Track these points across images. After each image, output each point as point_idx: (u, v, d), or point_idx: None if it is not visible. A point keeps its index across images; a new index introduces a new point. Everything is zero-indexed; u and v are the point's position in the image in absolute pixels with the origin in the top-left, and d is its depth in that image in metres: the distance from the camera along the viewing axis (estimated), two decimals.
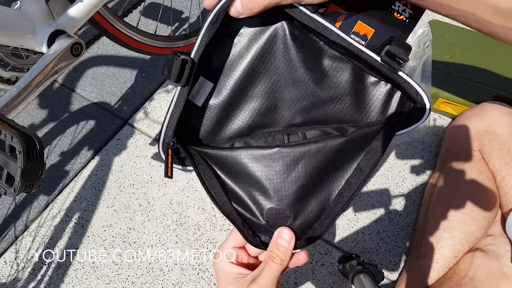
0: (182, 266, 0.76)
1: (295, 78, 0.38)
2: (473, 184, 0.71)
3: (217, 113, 0.40)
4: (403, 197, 0.83)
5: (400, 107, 0.39)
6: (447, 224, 0.69)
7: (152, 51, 0.88)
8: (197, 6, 1.15)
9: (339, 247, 0.78)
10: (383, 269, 0.75)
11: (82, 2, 0.62)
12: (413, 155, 0.88)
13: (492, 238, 0.67)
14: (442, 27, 1.01)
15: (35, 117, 0.94)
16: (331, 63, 0.39)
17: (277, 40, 0.38)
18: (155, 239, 0.79)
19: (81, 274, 0.75)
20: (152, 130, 0.92)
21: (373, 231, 0.79)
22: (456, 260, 0.67)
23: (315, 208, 0.37)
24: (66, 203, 0.83)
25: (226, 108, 0.40)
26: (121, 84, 1.00)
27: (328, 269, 0.75)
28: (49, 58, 0.56)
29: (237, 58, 0.38)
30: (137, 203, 0.83)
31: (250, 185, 0.38)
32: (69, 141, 0.91)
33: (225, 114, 0.40)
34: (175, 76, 0.35)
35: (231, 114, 0.40)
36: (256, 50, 0.38)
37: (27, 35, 0.57)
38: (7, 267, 0.76)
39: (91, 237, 0.79)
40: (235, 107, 0.40)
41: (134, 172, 0.86)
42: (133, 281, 0.75)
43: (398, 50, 0.33)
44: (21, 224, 0.81)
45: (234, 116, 0.40)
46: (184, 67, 0.34)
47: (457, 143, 0.80)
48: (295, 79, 0.39)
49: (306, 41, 0.38)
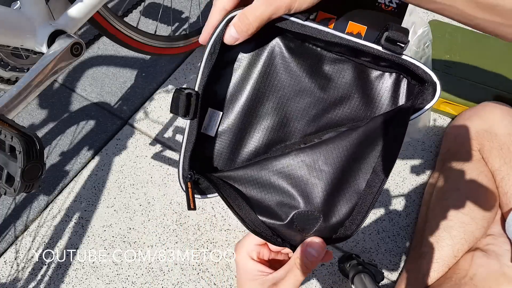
0: (182, 266, 0.76)
1: (300, 89, 0.39)
2: (472, 184, 0.71)
3: (231, 138, 0.41)
4: (403, 197, 0.83)
5: (409, 93, 0.39)
6: (447, 224, 0.69)
7: (152, 51, 0.89)
8: (197, 6, 1.15)
9: (339, 247, 0.78)
10: (383, 269, 0.75)
11: (82, 2, 0.62)
12: (413, 155, 0.88)
13: (492, 238, 0.67)
14: (442, 27, 1.01)
15: (35, 117, 0.94)
16: (332, 66, 0.39)
17: (275, 57, 0.39)
18: (155, 239, 0.79)
19: (81, 274, 0.75)
20: (152, 130, 0.92)
21: (373, 231, 0.79)
22: (456, 259, 0.67)
23: (345, 205, 0.37)
24: (66, 203, 0.83)
25: (239, 132, 0.40)
26: (121, 84, 1.00)
27: (328, 269, 0.75)
28: (49, 58, 0.56)
29: (240, 82, 0.39)
30: (137, 203, 0.83)
31: (275, 193, 0.38)
32: (69, 141, 0.91)
33: (239, 138, 0.40)
34: (183, 110, 0.36)
35: (245, 137, 0.41)
36: (257, 71, 0.39)
37: (27, 35, 0.57)
38: (7, 267, 0.76)
39: (91, 237, 0.79)
40: (247, 129, 0.40)
41: (134, 172, 0.86)
42: (133, 281, 0.75)
43: (397, 34, 0.33)
44: (21, 224, 0.81)
45: (249, 138, 0.41)
46: (190, 101, 0.36)
47: (457, 143, 0.80)
48: (301, 89, 0.39)
49: (303, 51, 0.39)
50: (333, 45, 0.37)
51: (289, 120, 0.40)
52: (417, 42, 0.97)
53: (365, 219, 0.36)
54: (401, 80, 0.38)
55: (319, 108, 0.39)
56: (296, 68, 0.39)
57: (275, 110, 0.40)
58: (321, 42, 0.37)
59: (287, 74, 0.39)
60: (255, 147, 0.41)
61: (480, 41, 0.99)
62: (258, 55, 0.38)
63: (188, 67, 1.02)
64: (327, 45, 0.38)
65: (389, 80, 0.39)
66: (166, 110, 0.94)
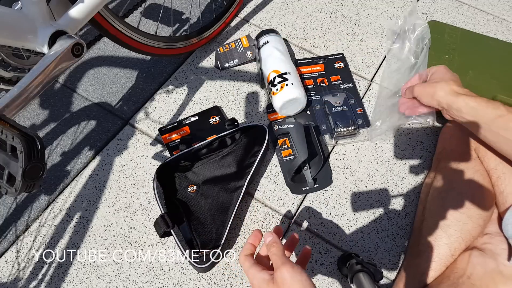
0: (183, 265, 0.76)
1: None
2: (468, 183, 0.71)
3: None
4: (402, 196, 0.83)
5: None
6: (444, 223, 0.69)
7: (153, 52, 0.89)
8: (198, 7, 1.15)
9: (338, 246, 0.78)
10: (382, 268, 0.76)
11: (83, 2, 0.63)
12: (412, 155, 0.88)
13: (489, 237, 0.67)
14: (441, 28, 1.01)
15: (36, 117, 0.95)
16: (221, 161, 0.82)
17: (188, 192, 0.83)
18: (155, 239, 0.79)
19: (82, 274, 0.76)
20: (153, 130, 0.92)
21: (372, 231, 0.80)
22: (453, 258, 0.68)
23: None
24: (67, 203, 0.83)
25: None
26: (122, 84, 1.00)
27: (327, 268, 0.76)
28: (50, 59, 0.57)
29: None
30: (137, 202, 0.83)
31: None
32: (70, 141, 0.91)
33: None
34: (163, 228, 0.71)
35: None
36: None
37: (28, 36, 0.58)
38: (8, 266, 0.77)
39: (92, 237, 0.80)
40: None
41: (135, 172, 0.87)
42: (134, 280, 0.75)
43: (229, 121, 0.84)
44: (22, 223, 0.81)
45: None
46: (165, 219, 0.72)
47: (452, 142, 0.80)
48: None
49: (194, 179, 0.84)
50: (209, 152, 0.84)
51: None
52: (416, 42, 0.98)
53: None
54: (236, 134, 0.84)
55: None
56: (214, 189, 0.83)
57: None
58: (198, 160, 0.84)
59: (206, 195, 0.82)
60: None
61: (479, 42, 0.99)
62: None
63: (189, 67, 1.02)
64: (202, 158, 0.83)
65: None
66: (166, 110, 0.95)
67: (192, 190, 0.81)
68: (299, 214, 0.81)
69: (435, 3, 1.17)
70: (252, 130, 0.83)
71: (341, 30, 1.09)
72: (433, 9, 1.15)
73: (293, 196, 0.83)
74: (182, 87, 0.99)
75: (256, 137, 0.82)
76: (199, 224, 0.76)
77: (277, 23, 1.11)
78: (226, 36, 1.08)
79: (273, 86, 0.88)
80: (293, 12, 1.13)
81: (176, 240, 0.70)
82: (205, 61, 1.03)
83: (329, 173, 0.86)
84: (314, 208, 0.82)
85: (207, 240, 0.75)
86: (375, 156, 0.88)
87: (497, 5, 1.17)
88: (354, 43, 1.06)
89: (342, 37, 1.08)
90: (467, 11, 1.15)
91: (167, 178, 0.80)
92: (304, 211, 0.82)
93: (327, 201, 0.83)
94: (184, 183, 0.82)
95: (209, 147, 0.81)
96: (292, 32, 1.09)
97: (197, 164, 0.82)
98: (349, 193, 0.84)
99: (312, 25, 1.10)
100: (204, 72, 1.01)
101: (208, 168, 0.81)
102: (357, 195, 0.84)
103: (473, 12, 1.15)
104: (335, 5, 1.15)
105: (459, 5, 1.16)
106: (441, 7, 1.16)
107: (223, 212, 0.77)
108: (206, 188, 0.81)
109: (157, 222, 0.71)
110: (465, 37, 0.99)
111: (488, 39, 1.00)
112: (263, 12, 1.13)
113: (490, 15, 1.14)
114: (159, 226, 0.70)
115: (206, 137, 0.83)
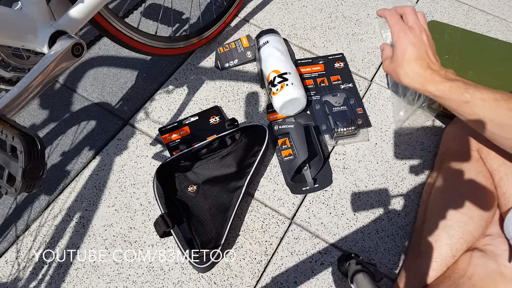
0: (183, 266, 0.76)
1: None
2: (471, 183, 0.71)
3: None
4: (402, 196, 0.83)
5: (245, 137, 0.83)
6: (445, 224, 0.69)
7: (153, 52, 0.89)
8: (198, 7, 1.15)
9: (338, 246, 0.78)
10: (382, 268, 0.76)
11: (83, 2, 0.63)
12: (412, 155, 0.88)
13: (490, 238, 0.67)
14: (441, 28, 1.01)
15: (36, 117, 0.95)
16: (220, 161, 0.82)
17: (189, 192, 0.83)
18: (155, 239, 0.79)
19: (82, 274, 0.76)
20: (153, 130, 0.92)
21: (372, 231, 0.80)
22: (454, 259, 0.67)
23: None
24: (67, 203, 0.83)
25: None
26: (122, 84, 1.00)
27: (327, 268, 0.76)
28: (50, 59, 0.57)
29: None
30: (138, 202, 0.83)
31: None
32: (70, 141, 0.91)
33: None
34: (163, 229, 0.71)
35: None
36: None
37: (28, 36, 0.58)
38: (8, 266, 0.77)
39: (92, 237, 0.80)
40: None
41: (135, 172, 0.87)
42: (133, 280, 0.75)
43: (229, 121, 0.84)
44: (22, 223, 0.81)
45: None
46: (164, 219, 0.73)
47: (456, 143, 0.80)
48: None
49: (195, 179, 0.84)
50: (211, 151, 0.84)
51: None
52: None
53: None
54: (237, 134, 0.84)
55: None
56: (213, 191, 0.83)
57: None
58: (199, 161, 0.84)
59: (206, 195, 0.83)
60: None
61: (479, 42, 0.99)
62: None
63: (189, 67, 1.02)
64: (204, 158, 0.83)
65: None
66: (166, 110, 0.95)
67: (192, 190, 0.81)
68: (299, 214, 0.81)
69: (435, 3, 1.17)
70: (252, 130, 0.83)
71: (341, 30, 1.09)
72: (433, 9, 1.15)
73: (293, 196, 0.83)
74: (182, 87, 0.99)
75: (256, 137, 0.82)
76: (199, 224, 0.76)
77: (277, 23, 1.11)
78: (226, 36, 1.08)
79: (273, 86, 0.88)
80: (293, 12, 1.13)
81: (176, 240, 0.70)
82: (205, 61, 1.03)
83: (329, 173, 0.86)
84: (314, 208, 0.82)
85: (207, 240, 0.75)
86: (375, 156, 0.88)
87: (497, 5, 1.17)
88: (354, 43, 1.06)
89: (342, 37, 1.08)
90: (467, 11, 1.15)
91: (167, 178, 0.80)
92: (304, 211, 0.82)
93: (327, 201, 0.83)
94: (184, 183, 0.82)
95: (209, 147, 0.81)
96: (292, 32, 1.09)
97: (197, 164, 0.82)
98: (349, 193, 0.84)
99: (312, 25, 1.10)
100: (204, 72, 1.01)
101: (208, 168, 0.81)
102: (357, 195, 0.84)
103: (473, 12, 1.15)
104: (335, 5, 1.15)
105: (459, 5, 1.16)
106: (441, 7, 1.16)
107: (223, 212, 0.78)
108: (206, 188, 0.81)
109: (157, 222, 0.71)
110: (465, 37, 0.99)
111: (488, 39, 1.00)
112: (263, 12, 1.13)
113: (490, 15, 1.14)
114: (159, 226, 0.70)
115: (206, 137, 0.83)
